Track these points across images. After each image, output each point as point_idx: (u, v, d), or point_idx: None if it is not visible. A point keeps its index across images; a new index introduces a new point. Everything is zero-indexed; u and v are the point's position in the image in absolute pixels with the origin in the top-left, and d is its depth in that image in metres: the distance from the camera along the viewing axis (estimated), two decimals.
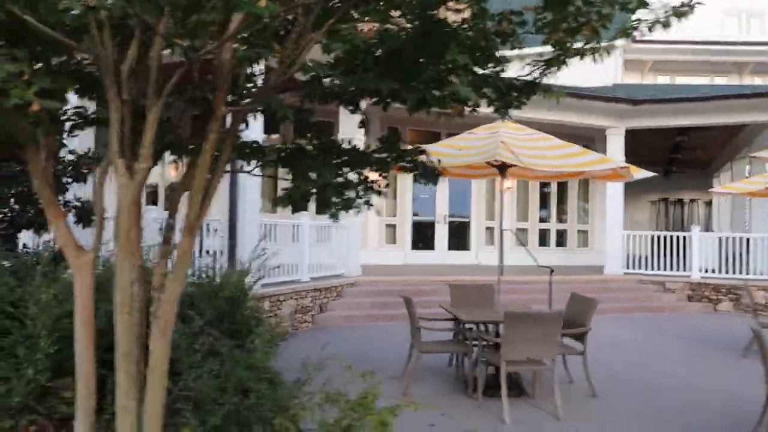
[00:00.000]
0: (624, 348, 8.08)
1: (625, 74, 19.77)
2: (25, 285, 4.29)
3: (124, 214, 2.32)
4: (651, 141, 14.19)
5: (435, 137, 12.09)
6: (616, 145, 12.70)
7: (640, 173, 5.97)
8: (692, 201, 20.78)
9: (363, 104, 3.28)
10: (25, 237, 6.43)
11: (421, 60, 2.54)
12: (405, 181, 13.27)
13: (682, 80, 21.51)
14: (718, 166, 18.46)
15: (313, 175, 2.90)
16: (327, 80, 3.15)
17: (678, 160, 17.20)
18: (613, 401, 5.52)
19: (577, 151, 5.94)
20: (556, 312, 4.93)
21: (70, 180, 5.98)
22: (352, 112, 3.00)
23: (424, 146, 3.55)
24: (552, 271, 7.74)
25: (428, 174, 3.26)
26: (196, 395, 3.26)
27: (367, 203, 3.04)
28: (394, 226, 13.53)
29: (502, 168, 5.78)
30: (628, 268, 12.63)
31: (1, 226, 6.14)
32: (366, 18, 2.94)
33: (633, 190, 14.16)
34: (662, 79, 22.26)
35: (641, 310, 11.10)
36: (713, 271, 12.14)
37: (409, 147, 3.13)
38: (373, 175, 3.34)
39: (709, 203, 19.95)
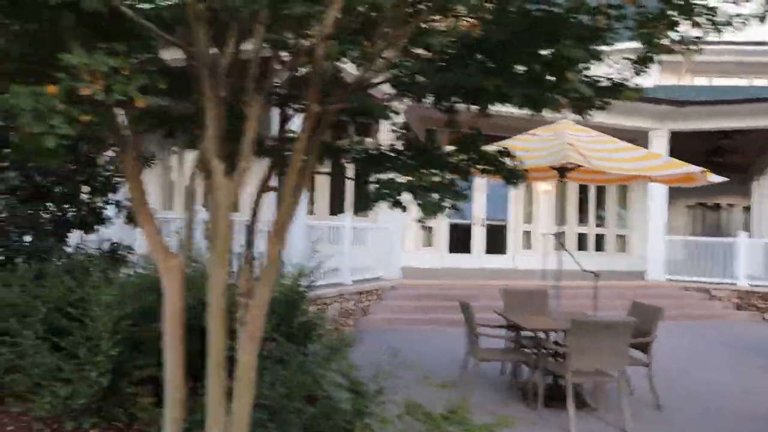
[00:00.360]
0: (681, 357, 7.82)
1: (661, 76, 19.31)
2: (83, 286, 4.25)
3: (221, 217, 2.21)
4: (686, 145, 13.80)
5: None
6: (659, 148, 12.40)
7: (713, 177, 5.75)
8: (729, 206, 20.23)
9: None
10: (72, 236, 6.43)
11: (526, 55, 2.40)
12: None
13: (719, 82, 20.95)
14: (760, 169, 17.93)
15: (399, 177, 2.78)
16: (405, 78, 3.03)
17: (719, 164, 16.73)
18: (676, 410, 5.34)
19: (644, 155, 5.72)
20: (627, 321, 4.74)
21: (120, 180, 5.97)
22: (443, 111, 2.86)
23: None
24: (597, 276, 7.51)
25: (513, 176, 3.11)
26: (271, 403, 3.16)
27: (454, 207, 2.90)
28: (430, 229, 13.35)
29: (563, 171, 5.59)
30: (670, 274, 12.29)
31: (49, 225, 6.13)
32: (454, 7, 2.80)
33: (670, 194, 13.82)
34: (699, 81, 21.67)
35: (689, 318, 10.76)
36: (761, 279, 11.76)
37: (500, 148, 2.99)
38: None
39: (747, 208, 19.39)
